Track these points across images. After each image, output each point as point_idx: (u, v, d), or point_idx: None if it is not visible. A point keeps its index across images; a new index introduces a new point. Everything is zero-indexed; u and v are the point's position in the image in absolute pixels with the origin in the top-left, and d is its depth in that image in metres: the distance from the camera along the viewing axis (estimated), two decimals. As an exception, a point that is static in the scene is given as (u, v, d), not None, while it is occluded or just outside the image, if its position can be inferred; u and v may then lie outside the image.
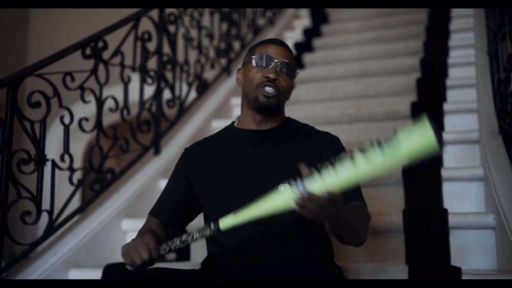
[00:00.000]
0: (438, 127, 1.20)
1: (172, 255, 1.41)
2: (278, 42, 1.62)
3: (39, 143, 2.16)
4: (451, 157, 2.51)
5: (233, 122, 1.68)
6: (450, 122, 2.74)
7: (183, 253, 2.30)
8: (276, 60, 1.55)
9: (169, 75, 3.01)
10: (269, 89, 1.53)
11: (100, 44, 2.48)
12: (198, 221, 1.72)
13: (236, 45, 3.88)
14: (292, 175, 1.39)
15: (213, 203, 1.57)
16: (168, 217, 1.64)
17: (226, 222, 1.33)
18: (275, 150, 1.56)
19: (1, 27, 5.36)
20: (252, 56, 1.58)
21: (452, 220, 2.01)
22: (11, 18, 5.48)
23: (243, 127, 1.62)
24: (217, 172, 1.57)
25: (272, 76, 1.53)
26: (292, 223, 1.49)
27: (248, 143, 1.58)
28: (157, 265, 1.41)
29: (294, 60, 1.62)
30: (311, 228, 1.51)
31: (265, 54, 1.56)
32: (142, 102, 2.78)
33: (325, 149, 1.55)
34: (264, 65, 1.55)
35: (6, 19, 5.40)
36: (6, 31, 5.46)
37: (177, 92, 3.06)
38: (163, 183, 2.71)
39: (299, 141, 1.57)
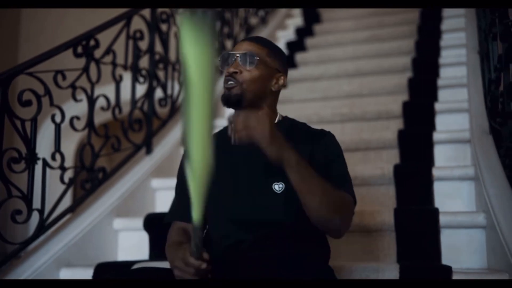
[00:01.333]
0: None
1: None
2: (244, 39, 1.66)
3: (30, 142, 2.15)
4: (442, 157, 2.52)
5: None
6: (441, 121, 2.75)
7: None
8: (237, 55, 1.58)
9: (161, 74, 3.01)
10: (229, 83, 1.57)
11: (92, 42, 2.47)
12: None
13: (229, 44, 3.87)
14: (284, 175, 1.41)
15: (208, 202, 1.57)
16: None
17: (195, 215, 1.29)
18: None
19: (-8, 25, 5.34)
20: (218, 59, 1.61)
21: (443, 219, 2.02)
22: (2, 17, 5.44)
23: None
24: (213, 171, 1.56)
25: (230, 70, 1.57)
26: (289, 223, 1.49)
27: (237, 146, 1.56)
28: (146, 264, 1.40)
29: (265, 48, 1.61)
30: (309, 230, 1.51)
31: (225, 53, 1.60)
32: (134, 101, 2.77)
33: (315, 147, 1.55)
34: (226, 64, 1.60)
35: (-3, 18, 5.37)
36: (-3, 29, 5.43)
37: (169, 91, 3.05)
38: (155, 182, 2.71)
39: (292, 141, 1.57)
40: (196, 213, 1.28)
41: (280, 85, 1.63)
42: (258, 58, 1.57)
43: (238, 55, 1.58)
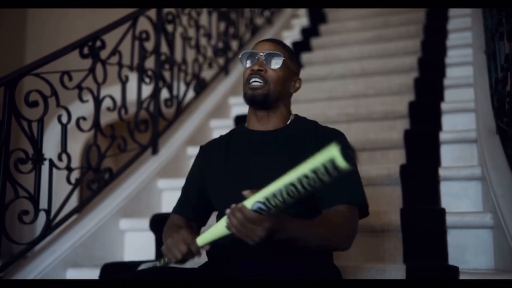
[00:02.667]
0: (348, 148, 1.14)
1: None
2: (266, 40, 1.67)
3: (37, 143, 2.15)
4: (448, 157, 2.51)
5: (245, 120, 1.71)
6: (447, 121, 2.74)
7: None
8: (260, 53, 1.59)
9: (167, 74, 3.01)
10: (254, 83, 1.56)
11: (98, 43, 2.47)
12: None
13: (234, 44, 3.87)
14: None
15: (219, 201, 1.60)
16: (192, 213, 1.69)
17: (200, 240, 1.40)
18: (278, 152, 1.55)
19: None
20: (240, 57, 1.64)
21: (449, 219, 2.01)
22: (9, 18, 5.47)
23: (250, 126, 1.65)
24: (224, 171, 1.60)
25: (256, 67, 1.57)
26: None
27: (252, 145, 1.60)
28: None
29: (284, 49, 1.63)
30: None
31: (250, 51, 1.62)
32: (139, 102, 2.78)
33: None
34: (250, 61, 1.61)
35: (4, 19, 5.39)
36: (4, 30, 5.45)
37: (175, 92, 3.06)
38: (161, 183, 2.71)
39: (303, 142, 1.57)
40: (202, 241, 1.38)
41: (296, 88, 1.67)
42: (283, 58, 1.59)
43: (262, 53, 1.59)
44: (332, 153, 1.10)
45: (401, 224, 2.04)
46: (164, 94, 3.02)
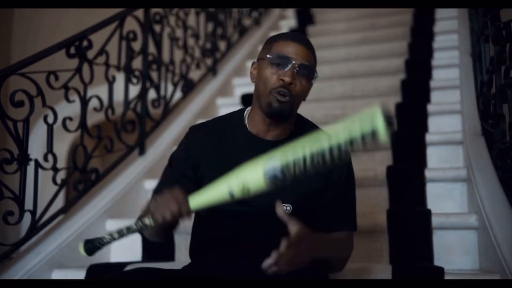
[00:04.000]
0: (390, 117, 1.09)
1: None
2: (300, 40, 1.50)
3: (22, 143, 2.14)
4: (435, 158, 2.53)
5: (242, 112, 1.59)
6: (434, 123, 2.76)
7: (167, 254, 2.30)
8: (294, 62, 1.44)
9: (154, 75, 3.00)
10: (282, 97, 1.44)
11: (85, 43, 2.46)
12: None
13: (222, 45, 3.87)
14: (291, 197, 1.43)
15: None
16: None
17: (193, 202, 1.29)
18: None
19: (-15, 26, 5.31)
20: (268, 56, 1.47)
21: (435, 220, 2.03)
22: (-6, 17, 5.42)
23: (253, 128, 1.54)
24: (224, 169, 1.42)
25: (287, 79, 1.43)
26: (283, 224, 1.48)
27: (258, 152, 1.40)
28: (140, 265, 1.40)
29: (315, 60, 1.52)
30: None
31: (282, 54, 1.45)
32: (127, 102, 2.77)
33: (333, 171, 1.49)
34: (280, 65, 1.45)
35: (-11, 18, 5.34)
36: (-11, 29, 5.40)
37: (162, 92, 3.05)
38: (148, 183, 2.70)
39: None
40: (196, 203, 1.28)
41: (307, 94, 1.55)
42: (317, 75, 1.50)
43: (296, 63, 1.44)
44: (375, 123, 1.01)
45: (387, 225, 2.05)
46: (152, 94, 3.01)
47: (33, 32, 5.41)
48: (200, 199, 1.29)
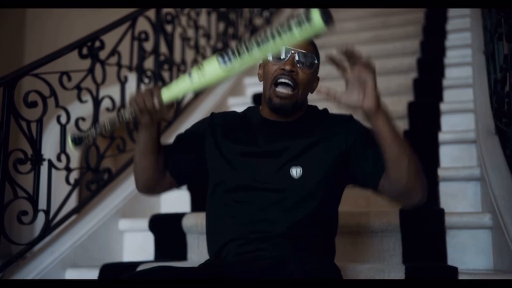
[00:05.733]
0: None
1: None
2: None
3: (36, 143, 2.15)
4: (447, 157, 2.51)
5: (256, 107, 1.65)
6: (446, 122, 2.74)
7: (180, 253, 2.30)
8: (292, 51, 1.48)
9: (166, 75, 3.01)
10: (282, 89, 1.48)
11: (97, 44, 2.47)
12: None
13: (233, 45, 3.88)
14: (302, 159, 1.46)
15: (221, 178, 1.55)
16: (173, 167, 1.65)
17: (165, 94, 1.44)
18: (297, 139, 1.53)
19: (-2, 27, 5.36)
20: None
21: (448, 220, 2.01)
22: (8, 18, 5.46)
23: (265, 115, 1.59)
24: (234, 150, 1.55)
25: (287, 67, 1.47)
26: (295, 222, 1.48)
27: (269, 132, 1.55)
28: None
29: (315, 51, 1.55)
30: (314, 228, 1.51)
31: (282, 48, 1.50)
32: (139, 102, 2.77)
33: (349, 136, 1.55)
34: (280, 57, 1.49)
35: (3, 19, 5.39)
36: (3, 31, 5.45)
37: (174, 92, 3.05)
38: (160, 183, 2.71)
39: (324, 129, 1.56)
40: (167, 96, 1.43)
41: (314, 88, 1.59)
42: (317, 62, 1.53)
43: (295, 52, 1.49)
44: (311, 13, 1.28)
45: (400, 224, 2.04)
46: (163, 94, 3.01)
47: (46, 33, 5.45)
48: (168, 90, 1.44)
